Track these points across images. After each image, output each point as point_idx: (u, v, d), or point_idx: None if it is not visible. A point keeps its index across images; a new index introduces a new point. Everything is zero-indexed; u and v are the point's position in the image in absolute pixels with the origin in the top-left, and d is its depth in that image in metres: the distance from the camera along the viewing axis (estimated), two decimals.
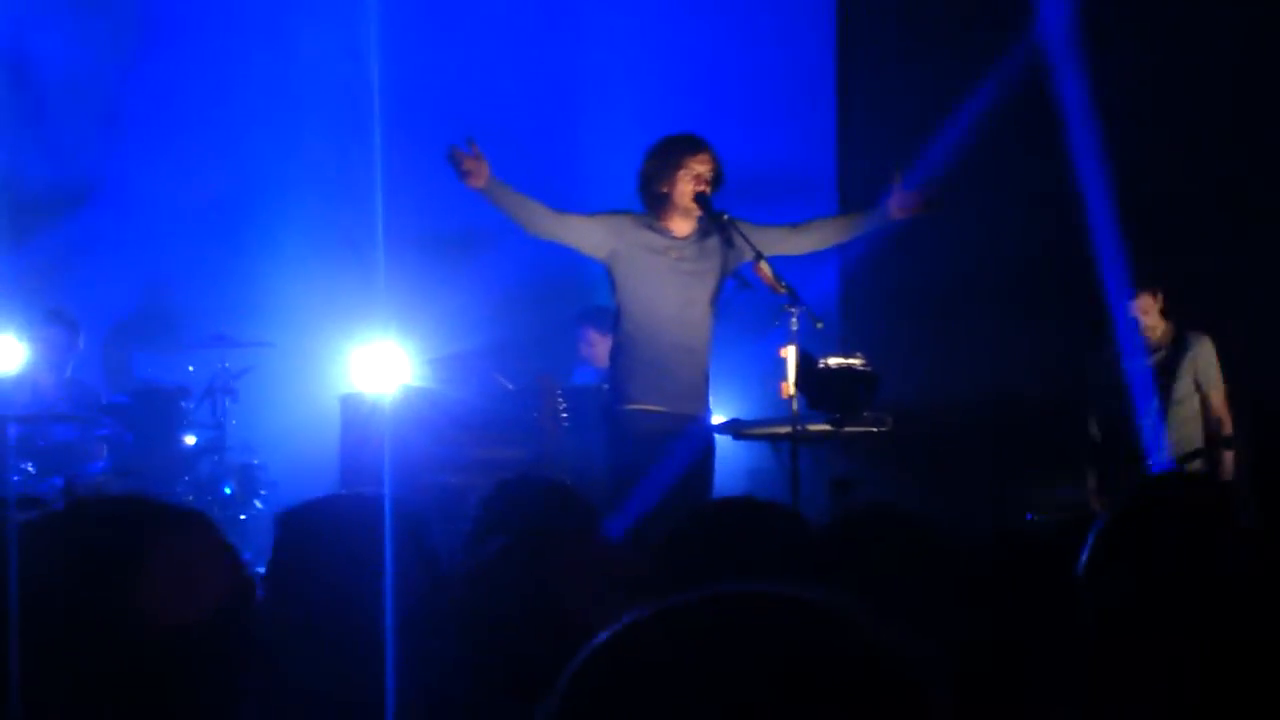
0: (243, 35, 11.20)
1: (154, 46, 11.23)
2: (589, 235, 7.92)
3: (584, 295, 10.35)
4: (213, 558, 2.13)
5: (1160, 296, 9.29)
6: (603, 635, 1.44)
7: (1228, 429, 9.16)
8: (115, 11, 11.25)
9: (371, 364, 10.09)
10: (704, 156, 7.89)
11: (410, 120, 10.49)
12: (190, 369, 10.60)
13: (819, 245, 8.20)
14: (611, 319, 8.15)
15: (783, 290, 7.79)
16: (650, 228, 7.93)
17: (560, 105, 11.44)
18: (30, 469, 9.45)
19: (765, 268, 7.81)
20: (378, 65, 10.32)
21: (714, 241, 7.95)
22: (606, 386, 8.19)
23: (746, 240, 7.84)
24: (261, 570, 8.75)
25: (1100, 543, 2.95)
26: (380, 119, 10.01)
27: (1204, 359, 9.24)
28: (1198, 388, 9.21)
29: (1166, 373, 9.23)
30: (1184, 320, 9.29)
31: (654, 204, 7.96)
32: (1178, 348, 9.27)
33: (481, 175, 7.62)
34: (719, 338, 8.13)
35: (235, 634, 2.09)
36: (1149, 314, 9.28)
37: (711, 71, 11.41)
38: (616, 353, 8.00)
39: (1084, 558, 2.96)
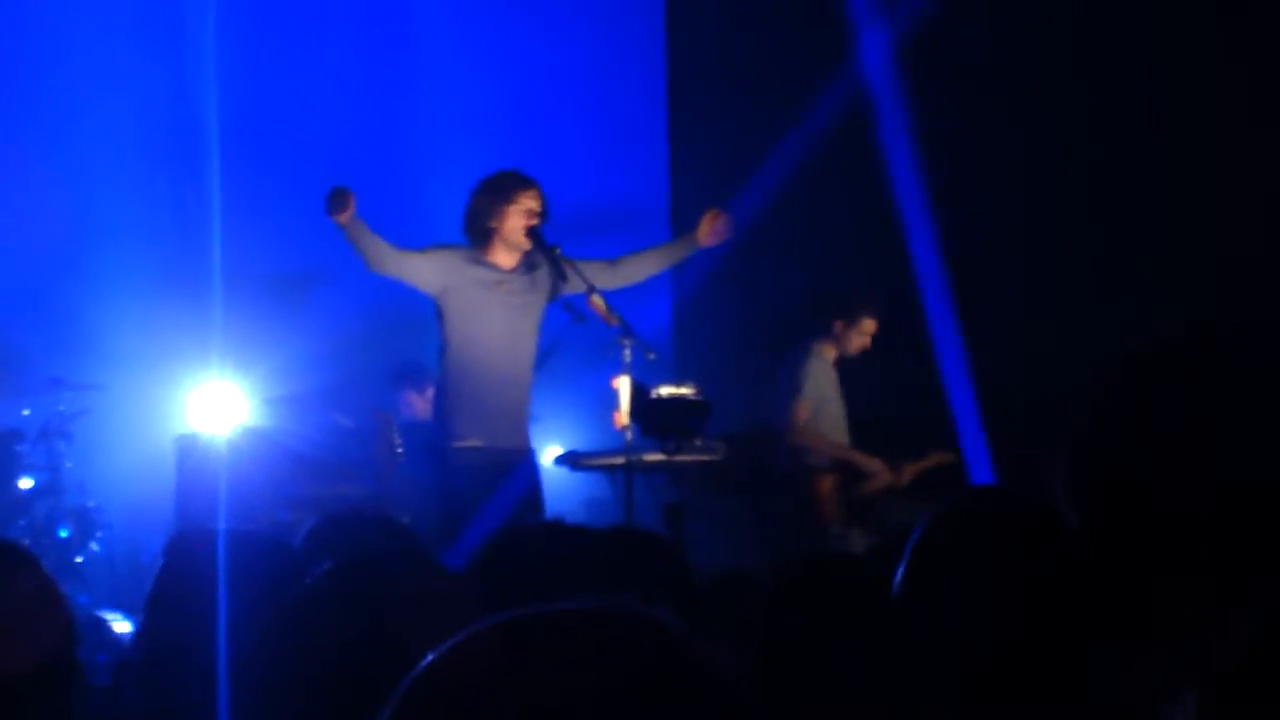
0: (74, 75, 11.11)
1: None
2: (423, 271, 8.00)
3: (419, 334, 10.39)
4: (39, 595, 2.08)
5: None
6: (429, 657, 1.46)
7: None
8: None
9: (208, 404, 10.04)
10: (533, 193, 8.00)
11: (245, 160, 10.50)
12: (25, 413, 10.47)
13: (634, 279, 8.30)
14: (429, 365, 8.20)
15: (615, 322, 7.91)
16: (478, 262, 8.01)
17: (396, 141, 11.47)
18: None
19: (598, 300, 7.92)
20: (214, 104, 10.31)
21: (540, 274, 8.06)
22: (431, 423, 8.26)
23: (578, 273, 7.94)
24: (99, 613, 8.64)
25: (914, 561, 2.95)
26: (216, 159, 10.01)
27: None
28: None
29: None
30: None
31: (480, 238, 8.05)
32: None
33: (351, 209, 7.70)
34: (553, 370, 8.23)
35: (60, 672, 2.05)
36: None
37: (543, 108, 11.51)
38: (442, 389, 8.07)
39: (898, 577, 2.96)
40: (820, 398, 9.47)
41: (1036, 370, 9.51)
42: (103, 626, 8.73)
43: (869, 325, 9.52)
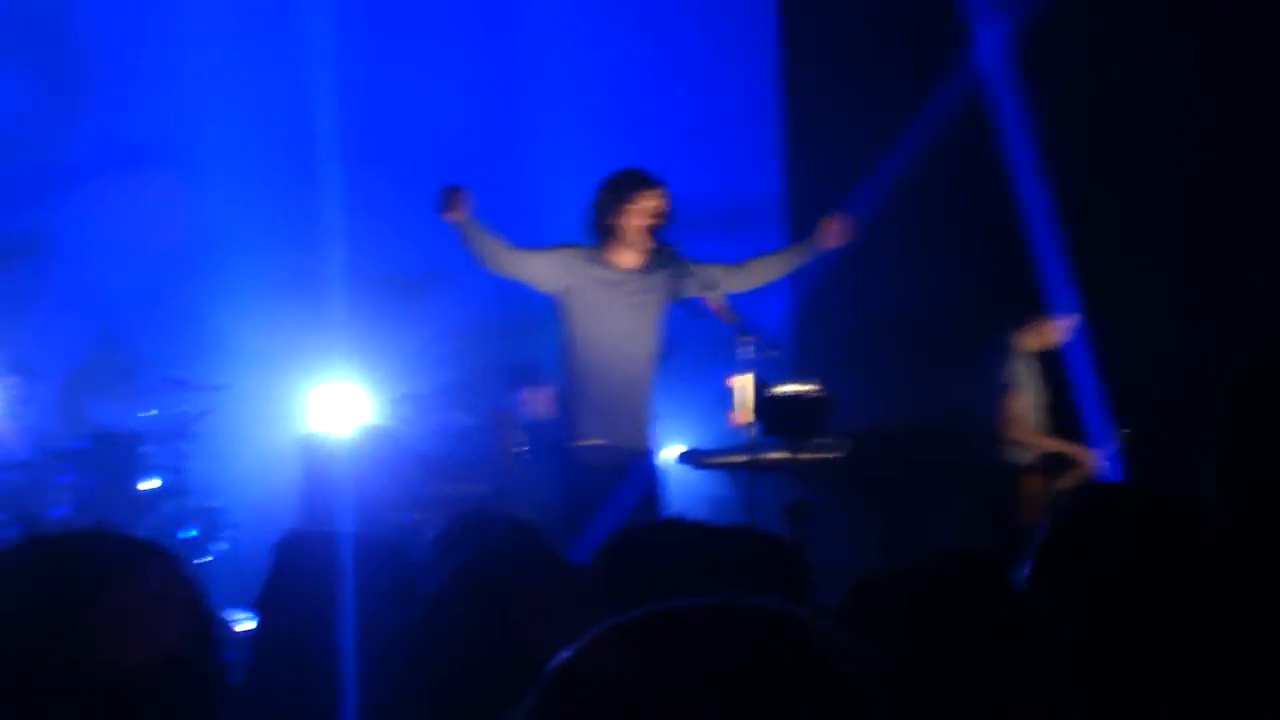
0: (196, 80, 11.23)
1: (106, 93, 11.24)
2: (543, 271, 8.01)
3: (537, 332, 10.40)
4: (175, 590, 2.07)
5: None
6: (565, 653, 1.47)
7: None
8: (66, 60, 11.27)
9: (330, 404, 10.12)
10: (656, 193, 7.98)
11: (365, 161, 10.57)
12: (149, 414, 10.58)
13: (756, 284, 8.28)
14: (546, 363, 8.20)
15: (734, 320, 7.87)
16: (599, 261, 8.01)
17: (512, 141, 11.50)
18: None
19: (716, 299, 7.89)
20: (334, 107, 10.38)
21: (661, 274, 8.04)
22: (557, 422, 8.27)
23: (698, 272, 7.92)
24: (225, 613, 8.67)
25: (1042, 557, 2.91)
26: (336, 160, 10.08)
27: None
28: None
29: None
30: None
31: (601, 236, 8.04)
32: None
33: (463, 208, 7.73)
34: (672, 369, 8.21)
35: (197, 670, 2.04)
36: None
37: (658, 108, 11.50)
38: (566, 389, 8.07)
39: (1024, 573, 2.91)
40: (1025, 392, 9.47)
41: (1166, 371, 9.42)
42: (228, 626, 8.81)
43: (1060, 323, 9.51)
